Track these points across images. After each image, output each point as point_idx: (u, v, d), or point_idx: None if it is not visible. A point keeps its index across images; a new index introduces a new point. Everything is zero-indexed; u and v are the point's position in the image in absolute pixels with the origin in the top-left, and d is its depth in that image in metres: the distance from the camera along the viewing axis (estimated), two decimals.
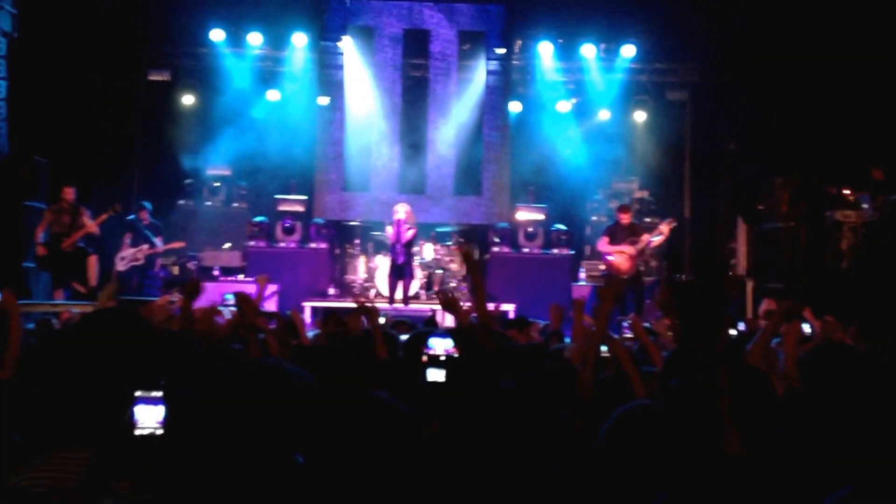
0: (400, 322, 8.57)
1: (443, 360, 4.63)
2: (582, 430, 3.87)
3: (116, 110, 18.13)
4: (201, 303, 6.61)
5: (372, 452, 3.42)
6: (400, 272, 16.25)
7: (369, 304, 6.23)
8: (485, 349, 4.95)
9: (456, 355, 4.70)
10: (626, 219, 15.71)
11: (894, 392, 3.99)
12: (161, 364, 3.38)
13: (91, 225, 14.84)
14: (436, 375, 4.59)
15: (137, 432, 2.90)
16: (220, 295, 14.94)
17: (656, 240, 15.74)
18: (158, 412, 2.92)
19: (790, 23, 16.36)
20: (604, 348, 5.54)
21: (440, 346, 4.73)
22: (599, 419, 3.38)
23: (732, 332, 7.42)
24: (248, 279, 16.68)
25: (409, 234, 16.09)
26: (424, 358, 4.63)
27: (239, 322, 5.78)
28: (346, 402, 3.67)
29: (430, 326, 8.04)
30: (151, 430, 2.90)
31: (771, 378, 4.60)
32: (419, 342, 5.10)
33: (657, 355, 5.56)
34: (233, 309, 6.13)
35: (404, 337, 6.21)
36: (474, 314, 5.74)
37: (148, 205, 16.73)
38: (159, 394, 2.92)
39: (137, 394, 2.91)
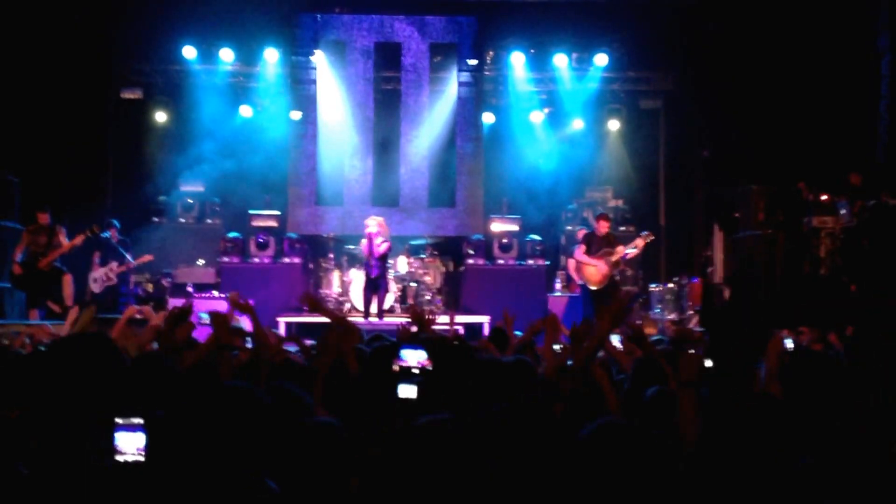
0: (376, 337, 8.51)
1: (415, 374, 4.54)
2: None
3: (89, 128, 18.01)
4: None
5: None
6: (374, 286, 16.21)
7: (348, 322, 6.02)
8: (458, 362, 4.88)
9: (429, 367, 4.62)
10: (603, 228, 15.68)
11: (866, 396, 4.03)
12: (138, 389, 3.34)
13: (68, 245, 14.80)
14: (407, 391, 4.50)
15: (118, 458, 2.87)
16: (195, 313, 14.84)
17: (631, 252, 15.75)
18: (139, 439, 2.89)
19: (764, 29, 16.42)
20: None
21: (413, 357, 4.65)
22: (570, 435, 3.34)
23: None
24: (221, 295, 16.59)
25: (383, 247, 16.06)
26: (396, 368, 4.55)
27: (215, 342, 5.70)
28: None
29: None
30: (133, 457, 2.87)
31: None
32: (388, 354, 5.01)
33: (628, 367, 5.56)
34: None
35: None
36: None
37: (116, 222, 16.61)
38: (139, 420, 2.89)
39: (117, 421, 2.88)
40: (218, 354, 5.44)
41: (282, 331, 15.63)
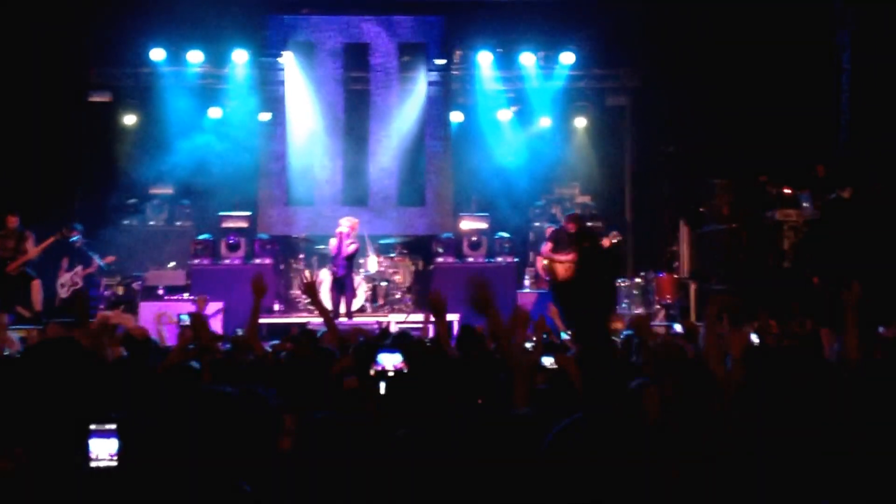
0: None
1: (391, 377, 4.62)
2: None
3: (58, 132, 17.92)
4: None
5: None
6: (341, 285, 16.24)
7: None
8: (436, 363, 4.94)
9: (404, 370, 4.69)
10: (572, 228, 15.77)
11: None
12: (113, 394, 3.38)
13: (36, 250, 14.80)
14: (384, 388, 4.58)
15: (93, 465, 2.91)
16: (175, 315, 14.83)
17: None
18: (112, 445, 2.93)
19: (728, 24, 16.53)
20: (550, 360, 5.58)
21: (389, 361, 4.73)
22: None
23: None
24: (191, 297, 16.53)
25: (351, 248, 16.11)
26: (372, 373, 4.63)
27: (190, 344, 5.74)
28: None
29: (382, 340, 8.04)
30: (106, 463, 2.91)
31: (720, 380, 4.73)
32: (366, 354, 5.09)
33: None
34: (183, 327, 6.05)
35: None
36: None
37: (79, 226, 16.57)
38: (112, 426, 2.93)
39: (91, 427, 2.92)
40: (201, 356, 5.47)
41: None
